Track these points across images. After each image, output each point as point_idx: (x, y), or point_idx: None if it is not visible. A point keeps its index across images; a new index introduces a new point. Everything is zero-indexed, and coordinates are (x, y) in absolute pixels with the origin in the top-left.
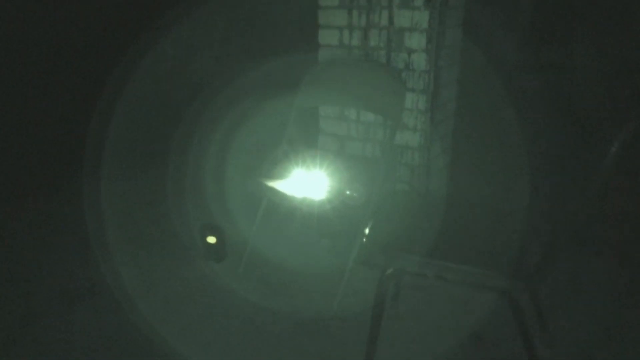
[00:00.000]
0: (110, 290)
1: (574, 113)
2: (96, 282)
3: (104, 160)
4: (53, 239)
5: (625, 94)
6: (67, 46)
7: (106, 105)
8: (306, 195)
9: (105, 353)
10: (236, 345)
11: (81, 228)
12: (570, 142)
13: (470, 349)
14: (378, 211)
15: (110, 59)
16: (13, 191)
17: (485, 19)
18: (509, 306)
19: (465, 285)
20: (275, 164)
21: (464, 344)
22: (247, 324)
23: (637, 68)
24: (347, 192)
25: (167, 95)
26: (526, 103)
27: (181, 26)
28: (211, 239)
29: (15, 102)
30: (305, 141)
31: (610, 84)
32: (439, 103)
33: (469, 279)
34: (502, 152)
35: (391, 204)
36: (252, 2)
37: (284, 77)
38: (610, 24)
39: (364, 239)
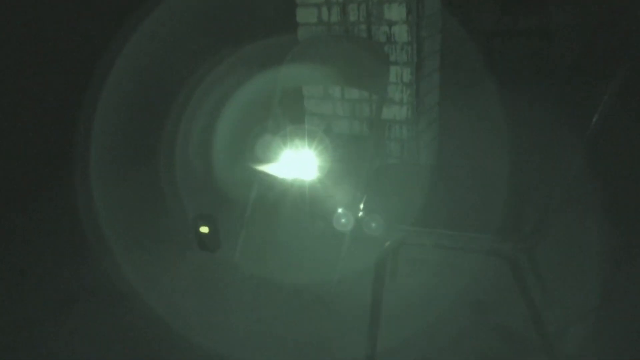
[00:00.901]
0: (108, 289)
1: (556, 73)
2: (93, 282)
3: (92, 160)
4: (46, 242)
5: (606, 48)
6: (45, 49)
7: (89, 105)
8: (296, 176)
9: (108, 352)
10: (240, 329)
11: (73, 229)
12: (556, 100)
13: (471, 315)
14: (370, 187)
15: (90, 59)
16: (3, 196)
17: None
18: (508, 269)
19: (463, 251)
20: (263, 148)
21: (465, 311)
22: (249, 308)
23: (616, 21)
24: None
25: (149, 90)
26: (508, 68)
27: (155, 20)
28: (204, 229)
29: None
30: (292, 121)
31: (590, 41)
32: (424, 74)
33: (467, 245)
34: (490, 117)
35: (383, 179)
36: None
37: (265, 61)
38: None
39: (360, 215)
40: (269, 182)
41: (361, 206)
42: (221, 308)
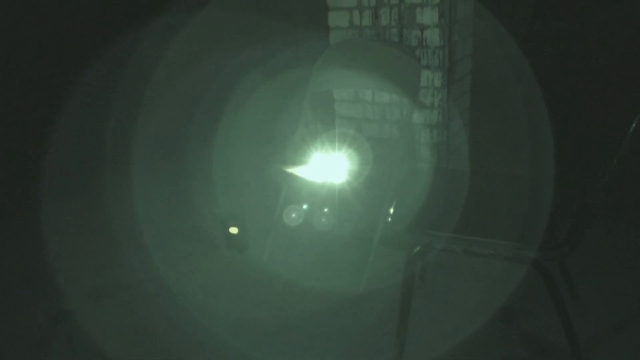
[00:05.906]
0: (138, 285)
1: (590, 80)
2: (123, 279)
3: (123, 159)
4: (78, 238)
5: None
6: (78, 46)
7: (122, 103)
8: (326, 179)
9: (137, 346)
10: (267, 329)
11: (105, 226)
12: (590, 107)
13: (500, 322)
14: (400, 191)
15: (122, 57)
16: (38, 194)
17: None
18: (540, 277)
19: (494, 258)
20: (293, 150)
21: (494, 320)
22: (275, 310)
23: None
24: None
25: (180, 91)
26: (540, 72)
27: (190, 21)
28: (233, 230)
29: (33, 106)
30: (323, 124)
31: (626, 49)
32: (455, 79)
33: (499, 252)
34: (522, 123)
35: (413, 183)
36: None
37: (296, 63)
38: None
39: (389, 219)
40: (298, 184)
41: (391, 210)
42: (248, 308)
